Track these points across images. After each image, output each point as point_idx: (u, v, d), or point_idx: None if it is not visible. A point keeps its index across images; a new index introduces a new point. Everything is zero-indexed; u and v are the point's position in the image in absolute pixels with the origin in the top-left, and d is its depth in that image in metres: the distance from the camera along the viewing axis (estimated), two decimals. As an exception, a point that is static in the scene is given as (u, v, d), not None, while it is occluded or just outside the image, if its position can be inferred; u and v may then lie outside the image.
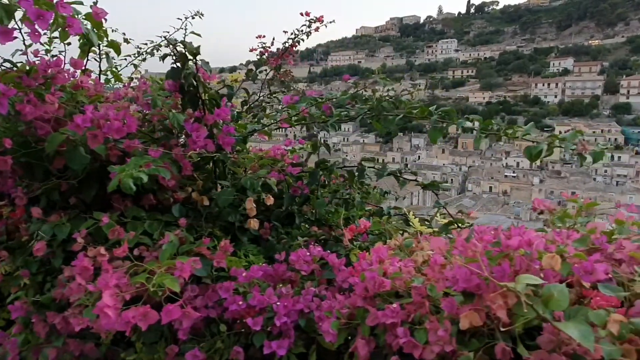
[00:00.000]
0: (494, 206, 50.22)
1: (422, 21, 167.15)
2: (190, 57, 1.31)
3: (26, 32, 1.26)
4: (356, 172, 1.58)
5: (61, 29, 1.28)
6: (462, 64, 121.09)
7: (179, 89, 1.43)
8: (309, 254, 1.16)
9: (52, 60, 1.46)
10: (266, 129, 1.62)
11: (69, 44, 1.72)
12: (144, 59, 2.60)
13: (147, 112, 1.47)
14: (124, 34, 2.64)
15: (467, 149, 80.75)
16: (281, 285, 1.11)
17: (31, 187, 1.35)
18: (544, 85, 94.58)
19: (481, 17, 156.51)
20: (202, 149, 1.32)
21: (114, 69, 1.94)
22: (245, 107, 2.36)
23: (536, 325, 0.77)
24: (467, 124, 1.38)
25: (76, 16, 1.23)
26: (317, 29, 2.52)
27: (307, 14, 2.49)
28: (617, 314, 0.69)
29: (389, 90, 1.51)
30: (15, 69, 1.33)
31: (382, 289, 0.92)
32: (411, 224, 1.64)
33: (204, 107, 1.53)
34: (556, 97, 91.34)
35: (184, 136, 1.44)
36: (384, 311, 0.88)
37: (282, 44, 2.28)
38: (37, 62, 1.35)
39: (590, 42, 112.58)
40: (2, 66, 1.37)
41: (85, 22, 1.43)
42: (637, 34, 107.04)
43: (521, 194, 58.55)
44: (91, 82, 1.58)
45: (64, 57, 1.77)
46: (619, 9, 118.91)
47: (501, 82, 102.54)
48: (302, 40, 2.40)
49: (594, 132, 74.21)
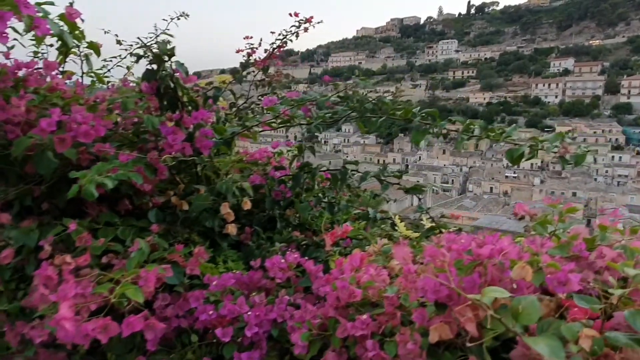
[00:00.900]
0: (494, 207, 50.14)
1: (422, 22, 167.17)
2: (165, 58, 1.28)
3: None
4: (339, 176, 1.54)
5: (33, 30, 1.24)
6: (462, 64, 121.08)
7: (156, 91, 1.40)
8: (283, 260, 1.13)
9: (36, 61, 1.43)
10: (248, 131, 1.59)
11: (51, 45, 1.69)
12: (137, 61, 2.58)
13: (125, 115, 1.44)
14: (116, 35, 2.61)
15: (467, 149, 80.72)
16: (254, 293, 1.08)
17: (6, 192, 1.32)
18: (544, 85, 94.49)
19: (481, 17, 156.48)
20: (178, 153, 1.29)
21: (96, 71, 1.91)
22: (234, 109, 2.32)
23: (513, 337, 0.73)
24: (453, 126, 1.35)
25: (46, 17, 1.20)
26: (306, 30, 2.49)
27: (296, 15, 2.45)
28: (591, 328, 0.65)
29: (371, 91, 1.47)
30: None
31: (353, 299, 0.88)
32: (397, 228, 1.61)
33: (183, 110, 1.50)
34: (557, 97, 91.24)
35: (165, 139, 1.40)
36: (354, 323, 0.84)
37: (270, 44, 2.24)
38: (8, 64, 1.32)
39: (590, 42, 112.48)
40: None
41: (60, 23, 1.39)
42: (638, 34, 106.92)
43: (522, 195, 58.45)
44: (70, 85, 1.54)
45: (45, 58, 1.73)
46: (620, 9, 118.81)
47: (502, 83, 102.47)
48: (291, 41, 2.36)
49: (595, 132, 74.15)
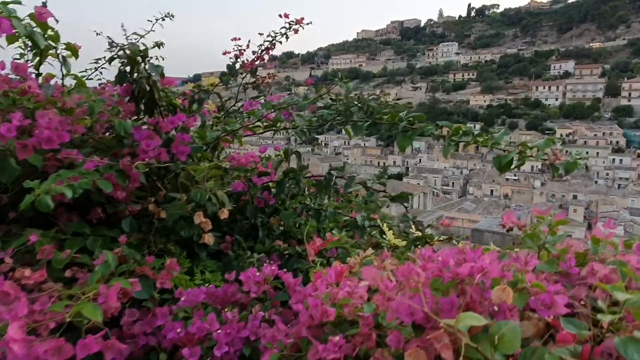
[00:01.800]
0: (495, 209, 50.02)
1: (422, 24, 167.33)
2: (139, 60, 1.22)
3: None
4: (324, 182, 1.48)
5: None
6: (462, 67, 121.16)
7: (132, 94, 1.34)
8: (258, 273, 1.07)
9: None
10: (230, 136, 1.53)
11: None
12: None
13: (102, 119, 1.38)
14: (108, 37, 2.56)
15: (468, 152, 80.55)
16: (227, 309, 1.02)
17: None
18: (544, 88, 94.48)
19: (482, 20, 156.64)
20: (152, 159, 1.23)
21: (77, 74, 1.85)
22: (222, 113, 2.27)
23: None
24: (443, 131, 1.29)
25: (10, 16, 1.14)
26: (296, 32, 2.44)
27: (286, 16, 2.40)
28: (578, 355, 0.59)
29: (356, 94, 1.42)
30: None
31: (326, 318, 0.82)
32: (385, 236, 1.55)
33: (161, 114, 1.44)
34: (557, 100, 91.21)
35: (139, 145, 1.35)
36: (327, 345, 0.78)
37: (258, 46, 2.19)
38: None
39: (591, 44, 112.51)
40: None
41: (32, 23, 1.34)
42: (638, 36, 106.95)
43: (522, 197, 58.34)
44: (44, 88, 1.49)
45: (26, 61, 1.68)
46: (620, 12, 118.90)
47: (502, 85, 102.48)
48: (280, 42, 2.30)
49: (595, 134, 74.06)
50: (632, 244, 0.89)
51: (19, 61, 1.63)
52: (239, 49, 2.21)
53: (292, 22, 2.41)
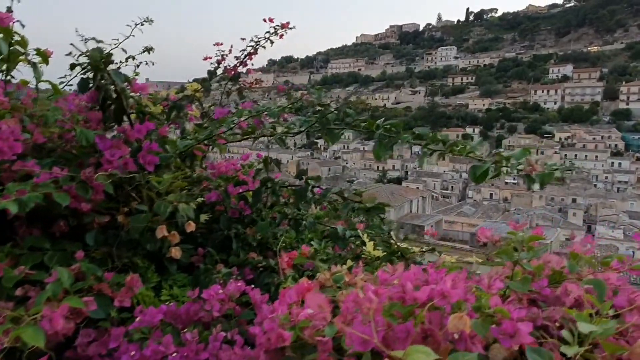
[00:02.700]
0: (494, 213, 49.96)
1: (421, 29, 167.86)
2: (102, 66, 1.17)
3: None
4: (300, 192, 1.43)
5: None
6: (461, 71, 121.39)
7: (99, 102, 1.29)
8: (221, 291, 1.01)
9: None
10: (205, 144, 1.48)
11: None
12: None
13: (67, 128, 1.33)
14: (94, 39, 2.52)
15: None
16: (186, 330, 0.96)
17: None
18: (543, 91, 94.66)
19: (480, 24, 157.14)
20: (116, 169, 1.18)
21: (51, 81, 1.80)
22: (205, 120, 2.22)
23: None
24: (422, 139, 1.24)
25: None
26: (281, 36, 2.39)
27: (271, 20, 2.36)
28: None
29: (332, 101, 1.37)
30: None
31: (281, 343, 0.77)
32: (365, 248, 1.50)
33: (131, 122, 1.39)
34: (556, 103, 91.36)
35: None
36: (282, 371, 0.73)
37: (240, 51, 2.14)
38: None
39: (589, 48, 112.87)
40: None
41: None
42: (636, 40, 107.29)
43: (522, 201, 58.28)
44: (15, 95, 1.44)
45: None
46: (618, 16, 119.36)
47: (500, 89, 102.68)
48: (264, 47, 2.26)
49: (594, 138, 74.11)
50: (610, 262, 0.84)
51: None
52: (222, 54, 2.17)
53: (277, 26, 2.37)
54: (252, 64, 2.20)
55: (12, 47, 1.41)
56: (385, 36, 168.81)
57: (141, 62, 2.70)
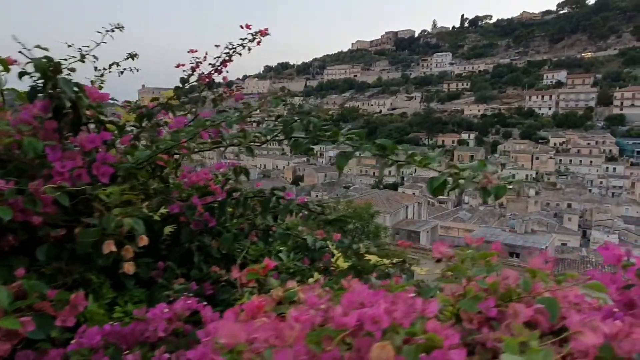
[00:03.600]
0: (490, 218, 49.98)
1: (417, 35, 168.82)
2: (51, 75, 1.13)
3: None
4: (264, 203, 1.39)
5: None
6: (456, 77, 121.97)
7: (51, 111, 1.25)
8: (167, 309, 0.97)
9: None
10: (168, 153, 1.43)
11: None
12: (101, 75, 2.50)
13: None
14: (79, 49, 2.48)
15: (463, 161, 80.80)
16: (128, 352, 0.92)
17: None
18: (537, 97, 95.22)
19: (475, 30, 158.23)
20: (66, 181, 1.13)
21: (14, 88, 1.76)
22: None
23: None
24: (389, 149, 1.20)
25: None
26: (259, 43, 2.36)
27: (248, 27, 2.33)
28: None
29: (299, 111, 1.33)
30: None
31: (214, 369, 0.72)
32: (333, 261, 1.45)
33: (89, 132, 1.35)
34: (550, 109, 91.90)
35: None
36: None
37: (215, 58, 2.11)
38: None
39: (583, 54, 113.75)
40: None
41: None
42: (629, 46, 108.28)
43: (517, 206, 58.34)
44: None
45: None
46: (611, 22, 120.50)
47: (496, 95, 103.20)
48: (240, 54, 2.22)
49: (589, 143, 74.50)
50: (563, 280, 0.80)
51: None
52: (196, 61, 2.13)
53: (254, 33, 2.34)
54: (227, 72, 2.16)
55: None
56: (381, 42, 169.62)
57: (125, 69, 2.68)
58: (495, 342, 0.71)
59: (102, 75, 2.62)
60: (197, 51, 2.13)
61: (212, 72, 2.12)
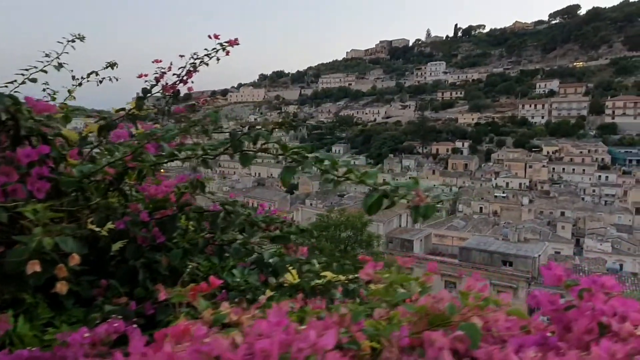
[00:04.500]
0: (484, 227, 50.04)
1: (411, 44, 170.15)
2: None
3: None
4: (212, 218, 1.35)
5: None
6: (450, 85, 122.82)
7: (-11, 124, 1.20)
8: (87, 334, 0.92)
9: None
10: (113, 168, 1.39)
11: None
12: (79, 84, 2.49)
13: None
14: (58, 57, 2.45)
15: (457, 169, 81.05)
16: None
17: None
18: (530, 106, 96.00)
19: (468, 40, 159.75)
20: (-4, 198, 1.09)
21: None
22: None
23: None
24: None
25: None
26: (227, 53, 2.33)
27: (217, 37, 2.30)
28: None
29: (246, 127, 1.30)
30: None
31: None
32: (284, 277, 1.41)
33: (32, 146, 1.31)
34: (543, 117, 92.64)
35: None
36: None
37: (179, 68, 2.07)
38: None
39: (574, 64, 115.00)
40: None
41: None
42: (620, 56, 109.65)
43: (511, 215, 58.52)
44: None
45: None
46: (602, 32, 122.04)
47: (489, 104, 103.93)
48: (207, 64, 2.19)
49: (581, 152, 75.05)
50: (486, 305, 0.76)
51: None
52: (161, 71, 2.09)
53: (224, 43, 2.32)
54: (192, 82, 2.12)
55: None
56: (375, 51, 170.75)
57: (104, 78, 2.64)
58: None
59: (80, 84, 2.60)
60: (161, 61, 2.09)
61: (177, 82, 2.08)
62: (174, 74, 2.06)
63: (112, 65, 2.58)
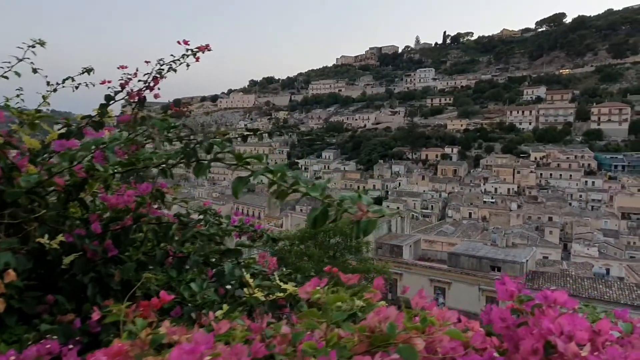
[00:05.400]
0: (473, 232, 50.27)
1: (400, 51, 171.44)
2: None
3: None
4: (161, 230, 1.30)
5: None
6: (439, 92, 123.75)
7: None
8: (13, 357, 0.86)
9: None
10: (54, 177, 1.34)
11: None
12: (54, 90, 2.43)
13: None
14: (32, 63, 2.38)
15: (446, 175, 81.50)
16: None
17: None
18: (518, 112, 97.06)
19: (457, 47, 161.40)
20: None
21: None
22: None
23: None
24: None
25: None
26: (197, 59, 2.29)
27: (186, 43, 2.26)
28: None
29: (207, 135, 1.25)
30: None
31: None
32: (245, 290, 1.36)
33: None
34: (530, 124, 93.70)
35: None
36: None
37: (144, 75, 2.02)
38: None
39: (561, 71, 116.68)
40: None
41: None
42: (604, 63, 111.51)
43: (500, 220, 58.89)
44: None
45: None
46: (587, 40, 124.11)
47: (478, 110, 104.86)
48: (175, 71, 2.15)
49: (568, 157, 75.98)
50: (422, 327, 0.72)
51: None
52: (127, 77, 2.04)
53: (194, 49, 2.27)
54: (159, 88, 2.07)
55: None
56: (365, 58, 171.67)
57: (79, 84, 2.58)
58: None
59: (55, 90, 2.54)
60: (127, 67, 2.04)
61: (143, 89, 2.03)
62: (139, 80, 2.01)
63: (87, 71, 2.53)
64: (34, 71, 2.52)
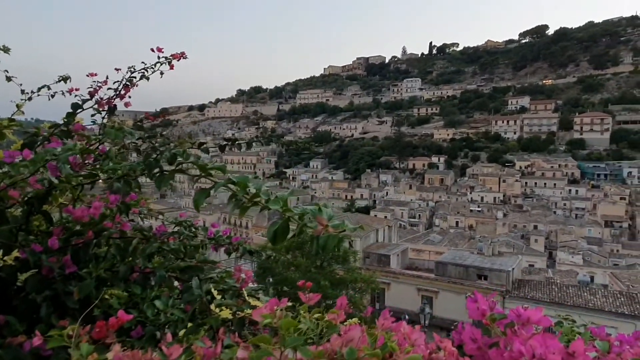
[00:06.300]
0: (460, 241, 50.56)
1: (387, 61, 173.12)
2: None
3: None
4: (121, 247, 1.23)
5: None
6: (426, 101, 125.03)
7: None
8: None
9: None
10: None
11: None
12: (29, 98, 2.35)
13: None
14: (6, 71, 2.30)
15: (433, 184, 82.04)
16: None
17: None
18: (503, 122, 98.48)
19: (443, 57, 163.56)
20: None
21: None
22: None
23: None
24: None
25: None
26: (172, 67, 2.24)
27: (160, 50, 2.20)
28: None
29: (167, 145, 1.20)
30: None
31: None
32: (213, 308, 1.29)
33: None
34: (515, 133, 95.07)
35: None
36: None
37: (114, 82, 1.96)
38: None
39: (544, 81, 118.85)
40: None
41: None
42: (586, 74, 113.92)
43: (486, 228, 59.38)
44: None
45: None
46: (569, 51, 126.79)
47: (464, 120, 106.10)
48: (147, 79, 2.09)
49: (552, 166, 77.13)
50: (386, 352, 0.67)
51: None
52: (96, 85, 1.97)
53: (168, 57, 2.22)
54: (130, 97, 2.01)
55: None
56: (352, 68, 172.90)
57: (55, 92, 2.50)
58: None
59: (30, 98, 2.46)
60: (96, 75, 1.98)
61: (113, 97, 1.96)
62: (109, 88, 1.94)
63: (64, 79, 2.46)
64: (8, 79, 2.45)
